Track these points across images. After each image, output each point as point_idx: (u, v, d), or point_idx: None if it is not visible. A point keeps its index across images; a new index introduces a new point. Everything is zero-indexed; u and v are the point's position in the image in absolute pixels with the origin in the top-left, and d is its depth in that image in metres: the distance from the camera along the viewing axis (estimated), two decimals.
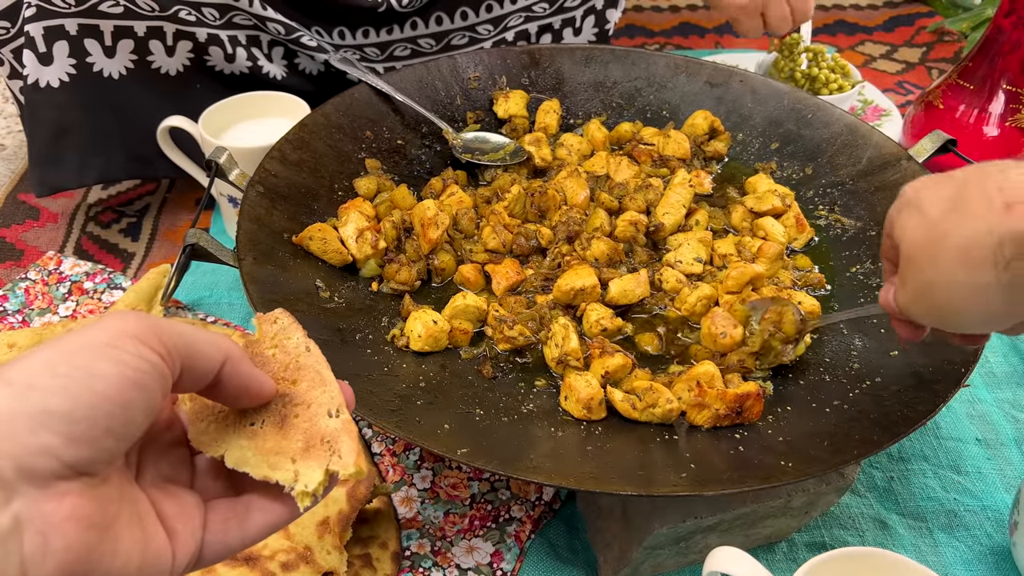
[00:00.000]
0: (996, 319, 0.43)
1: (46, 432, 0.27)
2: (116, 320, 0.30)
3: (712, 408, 0.59)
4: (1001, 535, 0.66)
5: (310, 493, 0.34)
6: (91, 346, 0.29)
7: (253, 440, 0.36)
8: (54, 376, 0.28)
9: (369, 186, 0.80)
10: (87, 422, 0.28)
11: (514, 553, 0.63)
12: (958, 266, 0.42)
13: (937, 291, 0.44)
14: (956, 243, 0.42)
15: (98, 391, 0.28)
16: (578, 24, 1.08)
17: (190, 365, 0.32)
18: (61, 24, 0.81)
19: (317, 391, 0.37)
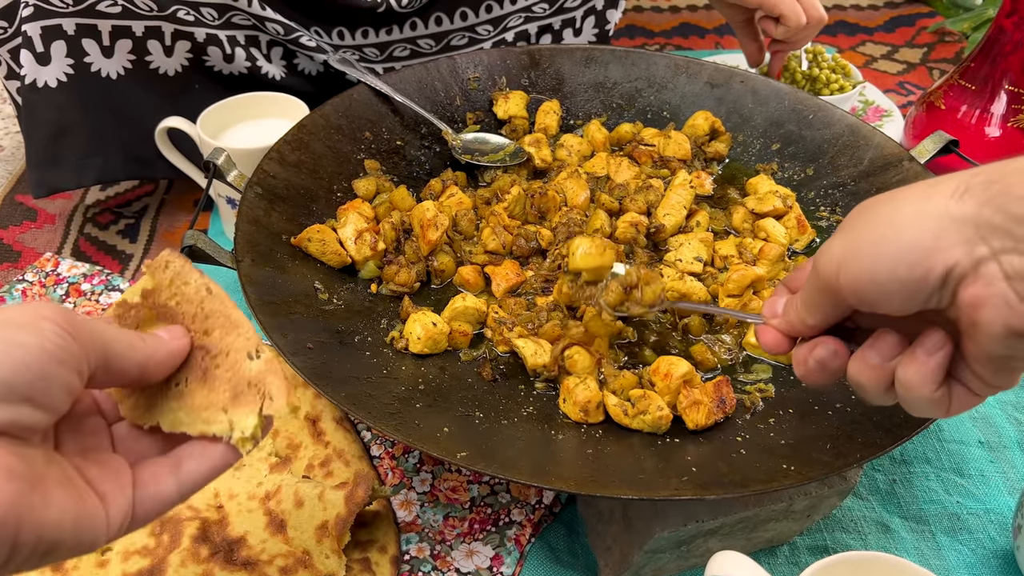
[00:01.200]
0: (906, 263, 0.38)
1: None
2: (37, 305, 0.32)
3: (704, 403, 0.59)
4: (1004, 538, 0.65)
5: (248, 438, 0.34)
6: (12, 322, 0.30)
7: (181, 400, 0.36)
8: None
9: (368, 187, 0.80)
10: (6, 387, 0.29)
11: (514, 557, 0.62)
12: (913, 198, 0.38)
13: (871, 223, 0.39)
14: (928, 182, 0.39)
15: (18, 358, 0.29)
16: (578, 25, 1.08)
17: (107, 363, 0.33)
18: (59, 24, 0.81)
19: (231, 336, 0.37)
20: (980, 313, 0.37)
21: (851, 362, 0.45)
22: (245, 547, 0.57)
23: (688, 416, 0.59)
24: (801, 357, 0.47)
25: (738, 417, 0.62)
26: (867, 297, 0.40)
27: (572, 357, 0.63)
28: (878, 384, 0.44)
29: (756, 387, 0.65)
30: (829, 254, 0.42)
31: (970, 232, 0.36)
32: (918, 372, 0.41)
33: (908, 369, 0.41)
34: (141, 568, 0.56)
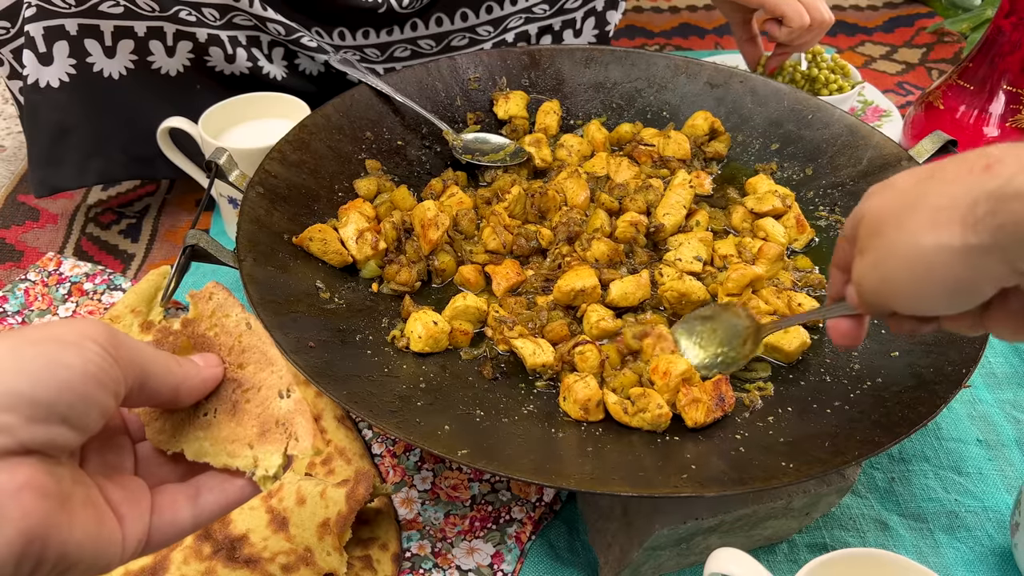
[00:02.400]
0: (952, 293, 0.39)
1: (6, 411, 0.28)
2: (81, 323, 0.32)
3: (703, 400, 0.59)
4: (1002, 536, 0.65)
5: (271, 477, 0.35)
6: (57, 340, 0.31)
7: (208, 431, 0.36)
8: (19, 360, 0.29)
9: (369, 187, 0.80)
10: (47, 407, 0.29)
11: (515, 554, 0.63)
12: (925, 227, 0.39)
13: (897, 257, 0.40)
14: (928, 204, 0.39)
15: (61, 379, 0.30)
16: (578, 26, 1.08)
17: (143, 383, 0.33)
18: (61, 24, 0.81)
19: (265, 373, 0.37)
20: None
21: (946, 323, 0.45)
22: (247, 545, 0.57)
23: (687, 414, 0.60)
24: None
25: (737, 415, 0.62)
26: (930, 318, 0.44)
27: (584, 353, 0.64)
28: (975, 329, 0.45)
29: (755, 385, 0.65)
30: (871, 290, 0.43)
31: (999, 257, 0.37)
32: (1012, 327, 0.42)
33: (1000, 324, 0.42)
34: (144, 566, 0.56)
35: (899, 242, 0.40)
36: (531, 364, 0.65)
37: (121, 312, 0.75)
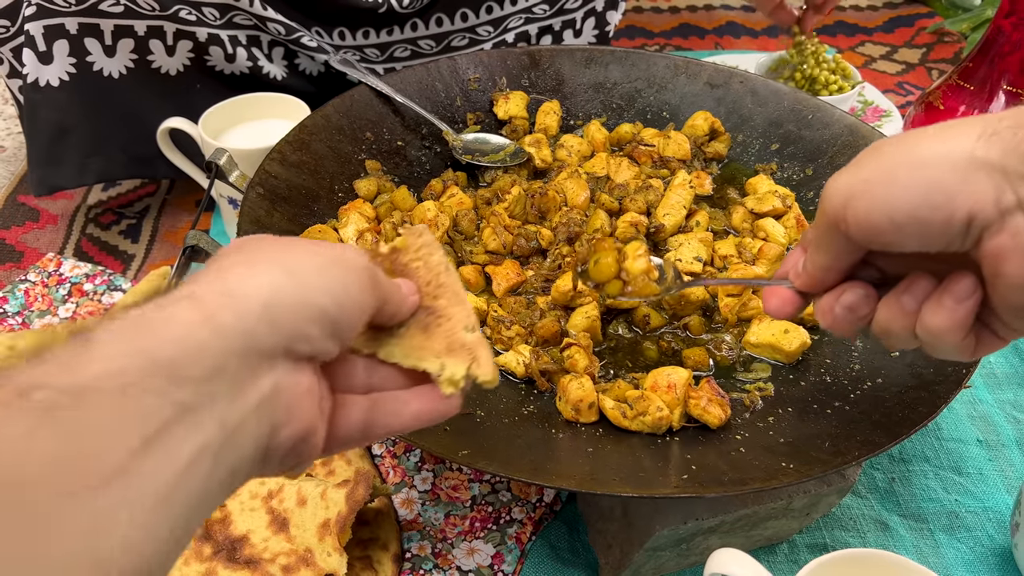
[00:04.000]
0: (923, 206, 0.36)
1: (315, 324, 0.31)
2: (356, 253, 0.35)
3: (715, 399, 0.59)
4: (1003, 536, 0.65)
5: (456, 381, 0.37)
6: (346, 266, 0.34)
7: (401, 340, 0.39)
8: (324, 278, 0.32)
9: (369, 187, 0.80)
10: (336, 326, 0.33)
11: (515, 555, 0.63)
12: (931, 138, 0.37)
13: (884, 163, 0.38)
14: (943, 125, 0.37)
15: (348, 305, 0.33)
16: (578, 26, 1.08)
17: (379, 310, 0.36)
18: (61, 23, 0.81)
19: (456, 307, 0.40)
20: (1004, 265, 0.36)
21: (882, 307, 0.42)
22: (248, 545, 0.57)
23: (710, 415, 0.59)
24: (827, 306, 0.44)
25: (737, 416, 0.62)
26: (879, 236, 0.38)
27: (573, 357, 0.64)
28: (909, 330, 0.41)
29: (756, 386, 0.65)
30: (835, 188, 0.40)
31: (997, 179, 0.35)
32: (946, 319, 0.39)
33: (936, 316, 0.40)
34: None
35: (897, 148, 0.38)
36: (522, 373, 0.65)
37: None
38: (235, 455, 0.28)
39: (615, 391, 0.62)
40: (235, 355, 0.28)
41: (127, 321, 0.27)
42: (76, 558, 0.23)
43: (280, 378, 0.30)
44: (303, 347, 0.31)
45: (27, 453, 0.23)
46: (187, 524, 0.27)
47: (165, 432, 0.26)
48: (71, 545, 0.23)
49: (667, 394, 0.60)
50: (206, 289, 0.30)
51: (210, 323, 0.28)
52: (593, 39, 1.10)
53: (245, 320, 0.29)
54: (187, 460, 0.26)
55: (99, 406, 0.25)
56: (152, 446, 0.25)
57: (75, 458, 0.24)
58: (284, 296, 0.31)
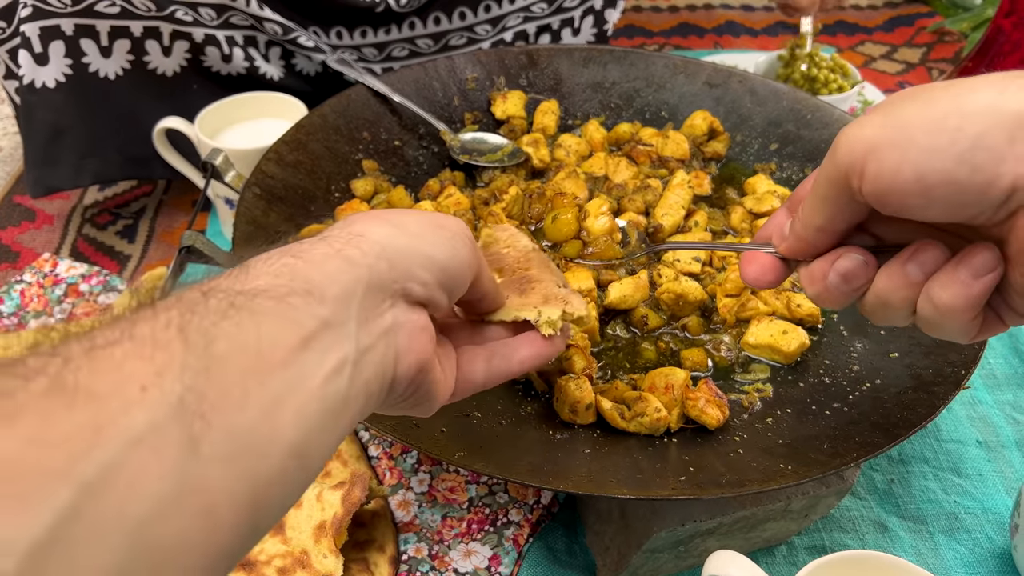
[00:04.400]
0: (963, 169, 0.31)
1: (426, 271, 0.36)
2: (460, 224, 0.40)
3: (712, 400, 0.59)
4: (1002, 538, 0.65)
5: (553, 323, 0.43)
6: (452, 229, 0.38)
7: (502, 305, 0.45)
8: (435, 236, 0.37)
9: (366, 187, 0.80)
10: (444, 273, 0.37)
11: (512, 557, 0.62)
12: (984, 86, 0.32)
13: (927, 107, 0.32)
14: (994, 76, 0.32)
15: (455, 257, 0.38)
16: (577, 24, 1.08)
17: (474, 282, 0.40)
18: (57, 24, 0.81)
19: (546, 274, 0.46)
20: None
21: (883, 276, 0.38)
22: None
23: (709, 416, 0.59)
24: (819, 272, 0.40)
25: (736, 417, 0.62)
26: (900, 199, 0.33)
27: (571, 358, 0.63)
28: (909, 304, 0.37)
29: (754, 387, 0.65)
30: (855, 136, 0.34)
31: None
32: (959, 295, 0.35)
33: (947, 290, 0.35)
34: None
35: (936, 96, 0.32)
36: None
37: None
38: (367, 372, 0.32)
39: (613, 392, 0.62)
40: (361, 283, 0.33)
41: (274, 253, 0.32)
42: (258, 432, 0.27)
43: (399, 313, 0.35)
44: (417, 289, 0.36)
45: (217, 336, 0.27)
46: (331, 427, 0.30)
47: (313, 339, 0.30)
48: (251, 418, 0.26)
49: (665, 395, 0.60)
50: (336, 233, 0.35)
51: (340, 255, 0.33)
52: (592, 38, 1.10)
53: (367, 256, 0.34)
54: (331, 366, 0.30)
55: (265, 309, 0.29)
56: (307, 347, 0.29)
57: (253, 345, 0.27)
58: (399, 242, 0.35)
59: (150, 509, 0.23)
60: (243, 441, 0.26)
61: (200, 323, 0.27)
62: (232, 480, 0.25)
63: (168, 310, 0.27)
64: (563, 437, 0.59)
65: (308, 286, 0.31)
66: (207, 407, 0.25)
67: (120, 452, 0.22)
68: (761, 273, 0.44)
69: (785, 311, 0.70)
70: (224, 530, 0.25)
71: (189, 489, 0.24)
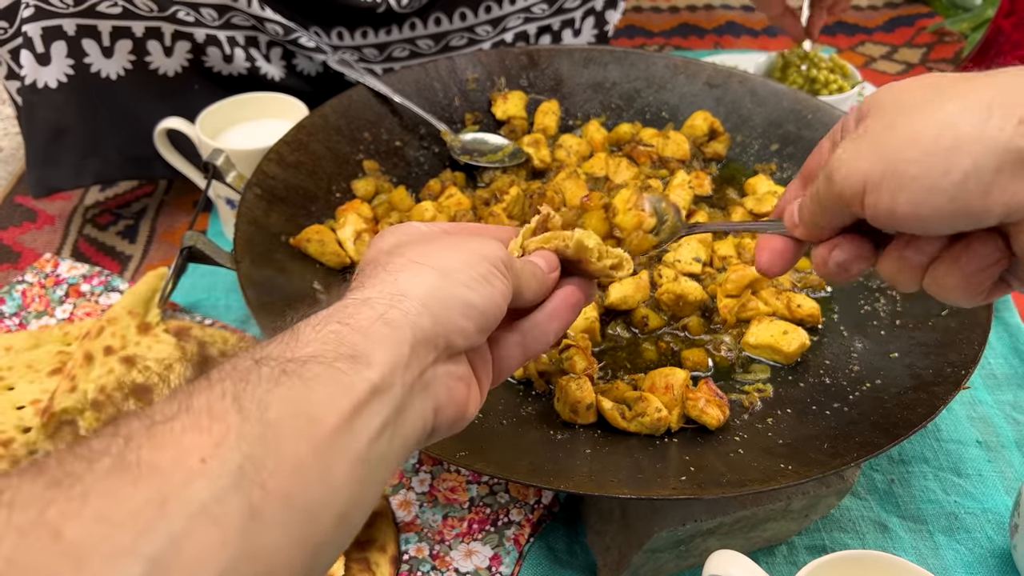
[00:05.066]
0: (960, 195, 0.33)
1: (467, 320, 0.36)
2: (494, 245, 0.39)
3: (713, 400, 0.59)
4: (1002, 538, 0.65)
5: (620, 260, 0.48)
6: (487, 259, 0.38)
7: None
8: (469, 276, 0.37)
9: (367, 188, 0.80)
10: (485, 319, 0.37)
11: (513, 557, 0.62)
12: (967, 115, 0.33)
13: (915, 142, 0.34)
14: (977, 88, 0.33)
15: (494, 299, 0.37)
16: (577, 25, 1.08)
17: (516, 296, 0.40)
18: (59, 25, 0.81)
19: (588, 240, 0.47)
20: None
21: (885, 260, 0.40)
22: None
23: (709, 416, 0.59)
24: (821, 258, 0.43)
25: (736, 417, 0.62)
26: (901, 225, 0.36)
27: (572, 358, 0.64)
28: (915, 280, 0.39)
29: (754, 387, 0.65)
30: (853, 167, 0.36)
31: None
32: (961, 282, 0.37)
33: (951, 277, 0.37)
34: None
35: (926, 118, 0.34)
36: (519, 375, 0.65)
37: (118, 314, 0.75)
38: (406, 430, 0.33)
39: (614, 392, 0.62)
40: (406, 344, 0.33)
41: (321, 318, 0.33)
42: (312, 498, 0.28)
43: (440, 366, 0.36)
44: (459, 341, 0.36)
45: (271, 403, 0.28)
46: (372, 487, 0.31)
47: (364, 405, 0.30)
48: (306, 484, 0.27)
49: (665, 395, 0.60)
50: (378, 294, 0.35)
51: (383, 320, 0.33)
52: (592, 39, 1.10)
53: (409, 315, 0.34)
54: (376, 430, 0.31)
55: (315, 374, 0.30)
56: (359, 414, 0.30)
57: (305, 411, 0.28)
58: (440, 295, 0.35)
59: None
60: (299, 507, 0.27)
61: (254, 391, 0.28)
62: (289, 546, 0.26)
63: (222, 381, 0.28)
64: (564, 437, 0.59)
65: (355, 351, 0.31)
66: (266, 475, 0.26)
67: (185, 524, 0.23)
68: (771, 260, 0.46)
69: (785, 311, 0.70)
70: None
71: (249, 556, 0.25)
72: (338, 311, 0.34)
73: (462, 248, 0.38)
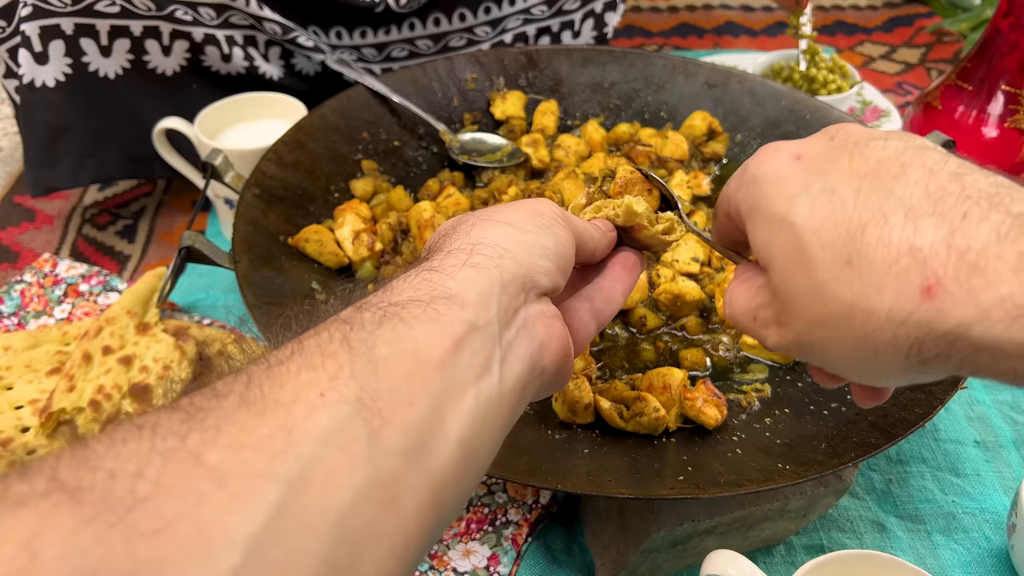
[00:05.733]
0: (894, 380, 0.34)
1: (545, 259, 0.38)
2: (547, 202, 0.42)
3: (710, 399, 0.59)
4: (999, 537, 0.65)
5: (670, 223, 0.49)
6: (544, 214, 0.40)
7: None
8: (535, 225, 0.39)
9: (366, 188, 0.80)
10: (560, 258, 0.39)
11: (511, 556, 0.62)
12: (860, 347, 0.32)
13: (829, 353, 0.34)
14: (859, 323, 0.31)
15: (561, 242, 0.40)
16: (577, 27, 1.08)
17: (578, 249, 0.42)
18: (57, 23, 0.81)
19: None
20: None
21: None
22: None
23: (707, 415, 0.59)
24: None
25: (734, 417, 0.62)
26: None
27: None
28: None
29: (752, 387, 0.65)
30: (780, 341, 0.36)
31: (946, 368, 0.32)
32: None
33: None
34: None
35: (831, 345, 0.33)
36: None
37: (117, 314, 0.75)
38: (517, 367, 0.34)
39: (612, 392, 0.62)
40: (495, 284, 0.35)
41: (411, 271, 0.35)
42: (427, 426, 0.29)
43: (532, 307, 0.37)
44: (543, 280, 0.38)
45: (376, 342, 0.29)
46: (491, 422, 0.32)
47: (463, 341, 0.32)
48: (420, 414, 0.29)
49: (663, 395, 0.60)
50: (458, 245, 0.37)
51: (469, 264, 0.35)
52: (592, 40, 1.10)
53: (493, 259, 0.36)
54: (481, 365, 0.32)
55: (415, 315, 0.31)
56: (459, 349, 0.31)
57: (410, 349, 0.30)
58: (517, 239, 0.37)
59: (346, 501, 0.25)
60: (416, 434, 0.28)
61: (359, 333, 0.29)
62: (411, 472, 0.28)
63: (328, 327, 0.30)
64: (562, 437, 0.59)
65: (448, 293, 0.33)
66: (382, 404, 0.27)
67: (313, 450, 0.25)
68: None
69: None
70: (410, 521, 0.27)
71: (376, 481, 0.26)
72: (426, 263, 0.36)
73: (522, 208, 0.40)
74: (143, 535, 0.21)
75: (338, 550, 0.24)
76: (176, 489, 0.22)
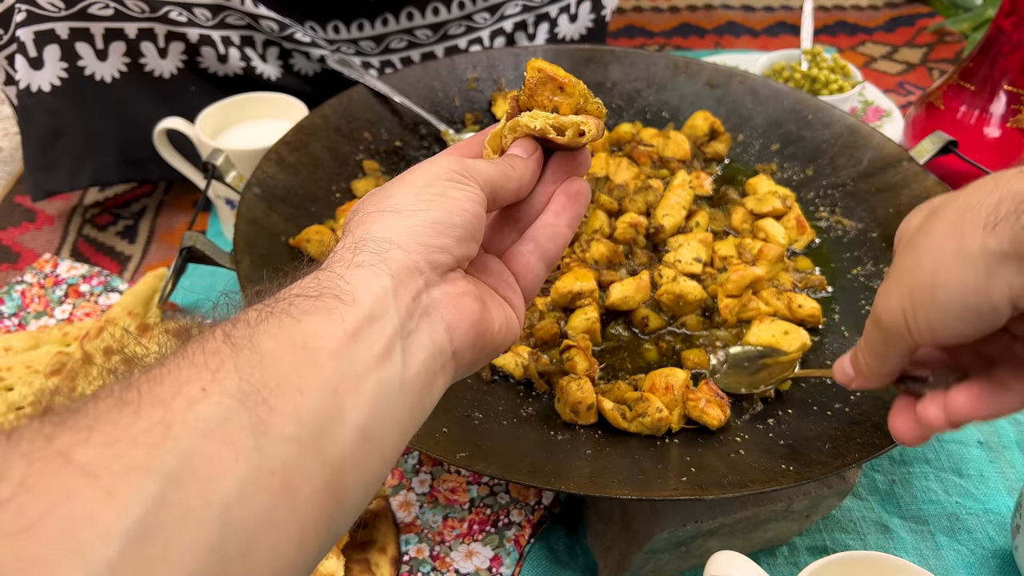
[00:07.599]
0: (965, 307, 0.38)
1: (440, 236, 0.36)
2: (443, 160, 0.39)
3: (713, 400, 0.59)
4: (1003, 538, 0.65)
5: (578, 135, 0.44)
6: (436, 178, 0.38)
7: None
8: (423, 200, 0.37)
9: (367, 188, 0.80)
10: (461, 227, 0.37)
11: (513, 558, 0.62)
12: (947, 232, 0.38)
13: (922, 268, 0.39)
14: (954, 208, 0.38)
15: (459, 207, 0.37)
16: (573, 11, 1.07)
17: (494, 197, 0.40)
18: (52, 28, 0.81)
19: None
20: None
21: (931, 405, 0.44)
22: None
23: (709, 416, 0.59)
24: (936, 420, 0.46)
25: (737, 418, 0.62)
26: (945, 340, 0.40)
27: (572, 359, 0.63)
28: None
29: None
30: (889, 307, 0.41)
31: (1017, 268, 0.35)
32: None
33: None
34: None
35: (925, 255, 0.39)
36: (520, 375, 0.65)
37: (118, 314, 0.74)
38: (420, 354, 0.34)
39: (614, 393, 0.62)
40: (385, 278, 0.34)
41: (296, 277, 0.34)
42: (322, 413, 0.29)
43: (435, 290, 0.36)
44: (442, 258, 0.36)
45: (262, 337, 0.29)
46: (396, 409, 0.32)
47: (359, 331, 0.32)
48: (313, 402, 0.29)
49: (665, 395, 0.60)
50: (341, 246, 0.36)
51: (355, 264, 0.34)
52: (590, 24, 1.08)
53: (380, 254, 0.35)
54: (380, 352, 0.32)
55: (303, 309, 0.31)
56: (356, 339, 0.31)
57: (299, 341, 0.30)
58: (401, 225, 0.36)
59: (231, 490, 0.25)
60: (310, 422, 0.28)
61: (242, 330, 0.29)
62: (307, 459, 0.28)
63: (212, 328, 0.30)
64: (564, 438, 0.59)
65: (338, 291, 0.33)
66: (267, 394, 0.27)
67: (194, 443, 0.25)
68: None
69: (786, 312, 0.70)
70: (306, 509, 0.27)
71: (266, 469, 0.26)
72: (309, 270, 0.35)
73: (411, 181, 0.38)
74: (6, 535, 0.21)
75: (225, 538, 0.24)
76: (41, 488, 0.22)
